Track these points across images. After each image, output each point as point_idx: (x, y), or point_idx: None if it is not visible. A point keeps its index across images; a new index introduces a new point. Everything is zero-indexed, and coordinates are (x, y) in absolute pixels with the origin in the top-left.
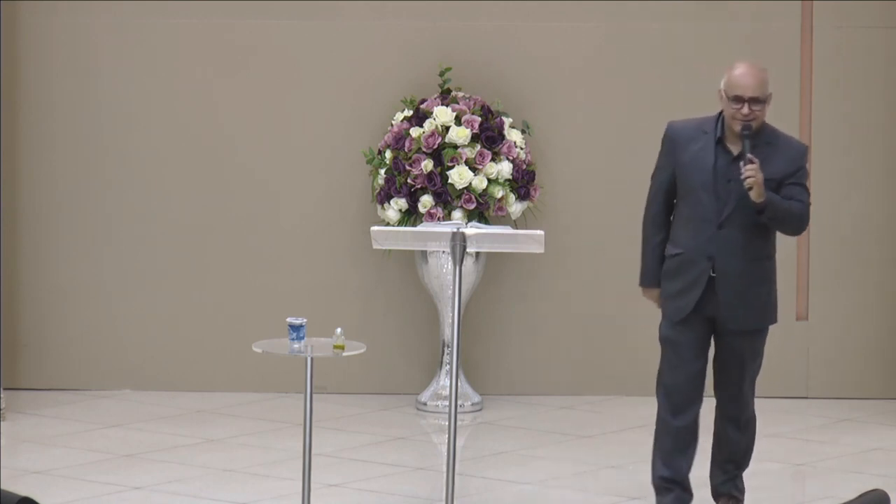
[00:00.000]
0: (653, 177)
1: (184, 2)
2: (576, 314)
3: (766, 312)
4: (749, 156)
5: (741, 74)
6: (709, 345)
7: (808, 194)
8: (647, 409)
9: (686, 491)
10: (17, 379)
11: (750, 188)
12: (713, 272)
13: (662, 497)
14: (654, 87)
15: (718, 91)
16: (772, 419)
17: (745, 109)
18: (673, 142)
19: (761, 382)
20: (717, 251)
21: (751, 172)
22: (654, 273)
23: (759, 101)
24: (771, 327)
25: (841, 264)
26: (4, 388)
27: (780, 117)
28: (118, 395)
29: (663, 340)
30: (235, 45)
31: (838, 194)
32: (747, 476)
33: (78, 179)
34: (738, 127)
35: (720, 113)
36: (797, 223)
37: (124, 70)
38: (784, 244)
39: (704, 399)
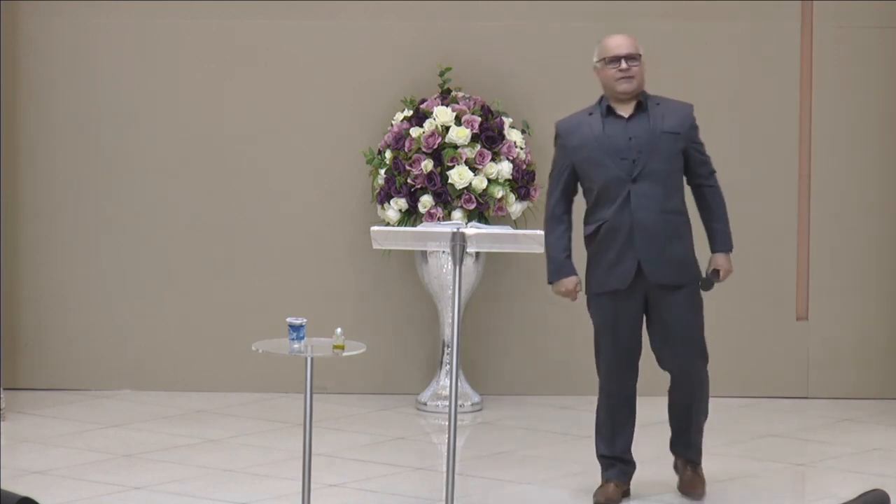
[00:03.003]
0: (550, 176)
1: (184, 2)
2: (575, 314)
3: (689, 268)
4: (713, 277)
5: (612, 39)
6: (642, 322)
7: (709, 157)
8: (646, 409)
9: (628, 463)
10: (17, 379)
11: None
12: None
13: (606, 471)
14: (653, 86)
15: (594, 68)
16: (772, 419)
17: (623, 64)
18: (563, 135)
19: (761, 382)
20: (633, 205)
21: (726, 276)
22: (565, 263)
23: (634, 57)
24: (771, 327)
25: (841, 264)
26: (4, 388)
27: (781, 117)
28: (118, 395)
29: (599, 322)
30: (235, 46)
31: (838, 194)
32: (747, 476)
33: (78, 179)
34: (621, 86)
35: (601, 97)
36: (724, 201)
37: (124, 70)
38: (784, 243)
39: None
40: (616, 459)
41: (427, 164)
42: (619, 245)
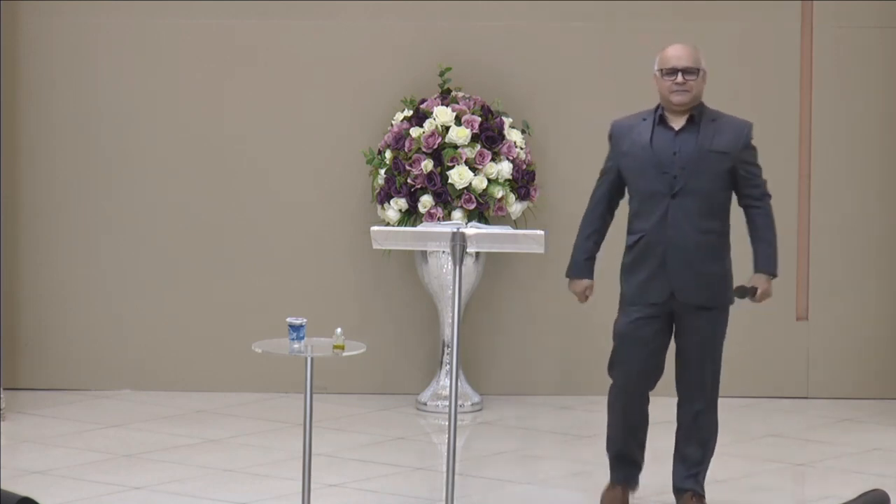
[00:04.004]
0: (600, 175)
1: (184, 2)
2: (575, 314)
3: (721, 291)
4: (748, 292)
5: (673, 48)
6: (667, 346)
7: (761, 172)
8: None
9: (637, 466)
10: (17, 379)
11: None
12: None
13: (615, 472)
14: (653, 87)
15: (654, 76)
16: (772, 419)
17: (680, 78)
18: (615, 136)
19: (761, 382)
20: (671, 221)
21: (762, 299)
22: (583, 264)
23: (691, 70)
24: (771, 327)
25: (841, 264)
26: (4, 388)
27: (781, 117)
28: (118, 395)
29: (621, 336)
30: (235, 46)
31: (838, 194)
32: (747, 476)
33: (78, 180)
34: (675, 98)
35: (658, 104)
36: (774, 224)
37: (124, 70)
38: (784, 244)
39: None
40: (627, 459)
41: (427, 164)
42: (654, 262)
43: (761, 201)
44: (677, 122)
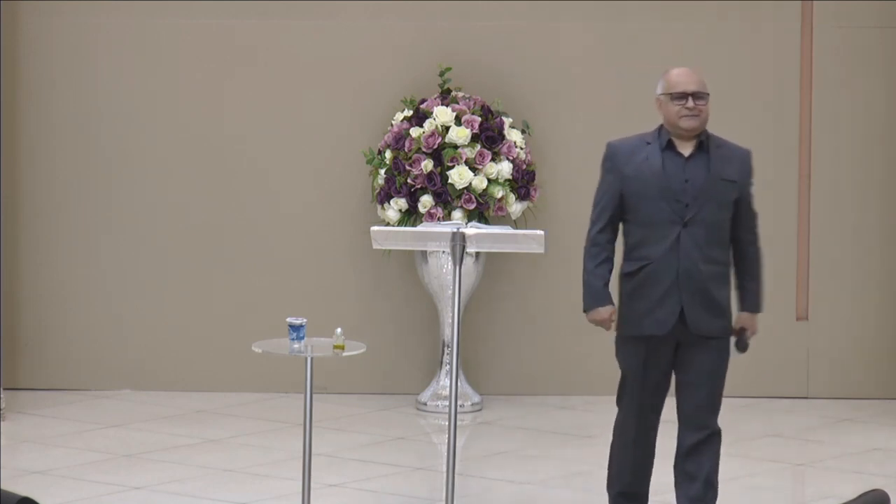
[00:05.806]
0: (596, 198)
1: (184, 2)
2: (575, 314)
3: (727, 321)
4: (745, 340)
5: (680, 73)
6: (671, 368)
7: (756, 211)
8: None
9: (644, 500)
10: (17, 379)
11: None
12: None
13: None
14: (653, 87)
15: (657, 99)
16: (772, 419)
17: (690, 102)
18: (615, 158)
19: (761, 382)
20: (682, 250)
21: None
22: (603, 291)
23: (701, 95)
24: (771, 327)
25: (841, 264)
26: (4, 388)
27: (781, 117)
28: (118, 395)
29: (627, 366)
30: (235, 46)
31: (838, 194)
32: (747, 476)
33: (78, 180)
34: (685, 123)
35: (660, 126)
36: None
37: (124, 70)
38: (784, 243)
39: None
40: (634, 498)
41: (427, 164)
42: (662, 289)
43: (756, 236)
44: (685, 148)
